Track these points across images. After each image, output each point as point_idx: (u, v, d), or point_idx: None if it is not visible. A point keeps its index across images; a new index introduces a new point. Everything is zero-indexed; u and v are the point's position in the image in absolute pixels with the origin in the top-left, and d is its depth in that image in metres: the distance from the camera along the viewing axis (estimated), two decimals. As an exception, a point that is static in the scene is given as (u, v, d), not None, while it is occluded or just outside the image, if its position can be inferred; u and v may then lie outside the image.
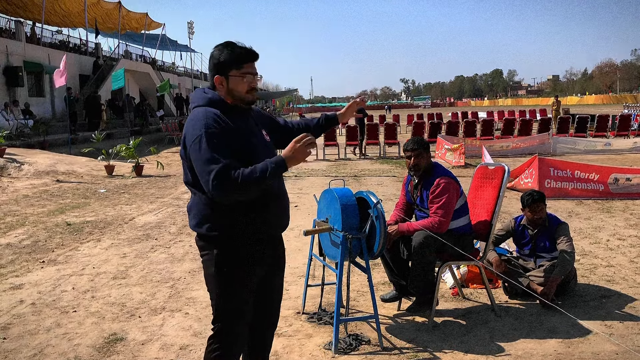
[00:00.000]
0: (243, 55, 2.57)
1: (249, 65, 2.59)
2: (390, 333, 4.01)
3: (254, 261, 2.65)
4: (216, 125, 2.44)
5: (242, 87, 2.58)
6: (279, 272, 2.90)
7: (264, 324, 2.91)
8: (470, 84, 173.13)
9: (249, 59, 2.59)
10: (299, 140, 2.44)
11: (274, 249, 2.78)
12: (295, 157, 2.44)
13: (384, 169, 13.89)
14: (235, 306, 2.64)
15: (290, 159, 2.43)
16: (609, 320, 4.09)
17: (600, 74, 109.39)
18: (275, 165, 2.39)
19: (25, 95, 23.81)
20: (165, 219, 8.21)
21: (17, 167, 13.34)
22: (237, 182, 2.32)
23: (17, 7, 29.29)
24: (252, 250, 2.63)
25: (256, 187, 2.39)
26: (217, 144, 2.40)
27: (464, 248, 4.13)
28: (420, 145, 4.25)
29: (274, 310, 2.94)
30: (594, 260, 5.56)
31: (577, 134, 18.17)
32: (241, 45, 2.60)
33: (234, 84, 2.57)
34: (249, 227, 2.58)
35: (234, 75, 2.56)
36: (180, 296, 4.86)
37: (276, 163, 2.40)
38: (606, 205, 8.33)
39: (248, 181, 2.34)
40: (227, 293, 2.63)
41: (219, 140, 2.41)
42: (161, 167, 13.92)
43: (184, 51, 51.07)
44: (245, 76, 2.57)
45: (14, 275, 5.52)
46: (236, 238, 2.59)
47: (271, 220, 2.66)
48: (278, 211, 2.70)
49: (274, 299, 2.91)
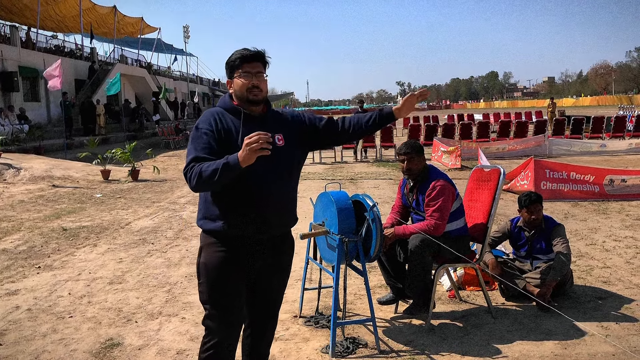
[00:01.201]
0: (242, 57, 2.68)
1: (249, 65, 2.68)
2: (388, 336, 4.01)
3: (245, 258, 2.69)
4: (206, 122, 2.63)
5: (242, 86, 2.68)
6: (279, 273, 2.90)
7: (260, 325, 2.93)
8: (466, 86, 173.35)
9: (249, 59, 2.68)
10: (249, 138, 2.38)
11: (272, 249, 2.79)
12: (244, 157, 2.40)
13: (380, 172, 13.90)
14: (213, 299, 2.69)
15: (242, 159, 2.40)
16: (605, 322, 4.10)
17: (595, 75, 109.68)
18: (226, 162, 2.44)
19: (21, 100, 23.76)
20: (162, 224, 8.19)
21: (12, 172, 13.30)
22: (196, 174, 2.46)
23: (11, 12, 29.25)
24: (244, 247, 2.68)
25: (210, 180, 2.46)
26: (198, 139, 2.59)
27: (461, 250, 4.14)
28: (413, 149, 4.25)
29: (269, 311, 2.95)
30: (590, 261, 5.58)
31: (572, 136, 18.24)
32: (247, 48, 2.71)
33: (237, 85, 2.71)
34: (242, 224, 2.63)
35: (237, 76, 2.70)
36: (176, 301, 4.85)
37: (229, 160, 2.44)
38: (602, 207, 8.35)
39: (202, 174, 2.45)
40: (204, 285, 2.71)
41: (202, 135, 2.59)
42: (157, 172, 13.90)
43: (180, 54, 51.05)
44: (243, 75, 2.67)
45: (10, 281, 5.50)
46: (220, 234, 2.65)
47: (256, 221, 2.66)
48: (273, 210, 2.71)
49: (268, 299, 2.91)
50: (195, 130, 2.65)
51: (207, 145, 2.56)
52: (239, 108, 2.70)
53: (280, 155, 2.69)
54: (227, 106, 2.73)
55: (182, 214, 8.94)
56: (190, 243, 6.89)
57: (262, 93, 2.69)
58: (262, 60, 2.72)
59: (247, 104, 2.70)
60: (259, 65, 2.70)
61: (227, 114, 2.69)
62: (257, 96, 2.68)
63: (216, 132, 2.60)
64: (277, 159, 2.65)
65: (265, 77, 2.72)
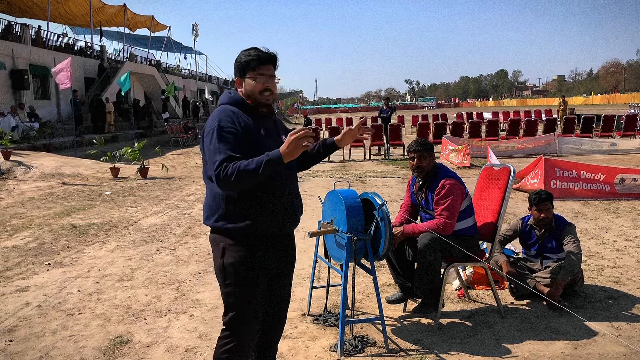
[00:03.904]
0: (258, 58, 2.68)
1: (264, 68, 2.70)
2: (396, 335, 4.00)
3: (266, 256, 2.72)
4: (228, 120, 2.61)
5: (256, 88, 2.69)
6: (289, 267, 2.95)
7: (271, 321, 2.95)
8: (475, 84, 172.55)
9: (264, 62, 2.69)
10: (295, 133, 2.45)
11: (285, 244, 2.85)
12: (290, 151, 2.46)
13: (389, 170, 13.87)
14: (241, 300, 2.69)
15: (286, 153, 2.46)
16: (616, 322, 4.07)
17: (606, 74, 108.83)
18: (269, 158, 2.46)
19: (31, 98, 23.92)
20: (171, 221, 8.22)
21: (23, 169, 13.40)
22: (234, 172, 2.45)
23: (22, 10, 29.49)
24: (265, 245, 2.71)
25: (251, 178, 2.47)
26: (226, 137, 2.56)
27: (470, 249, 4.12)
28: (423, 146, 4.23)
29: (281, 306, 2.99)
30: (601, 261, 5.53)
31: (582, 134, 18.11)
32: (260, 49, 2.71)
33: (249, 85, 2.71)
34: (269, 221, 2.67)
35: (249, 77, 2.69)
36: (185, 298, 4.86)
37: (271, 156, 2.46)
38: (612, 206, 8.29)
39: (243, 172, 2.45)
40: (233, 286, 2.69)
41: (228, 133, 2.56)
42: (166, 170, 13.95)
43: (189, 53, 51.20)
44: (257, 77, 2.68)
45: (20, 278, 5.54)
46: (245, 232, 2.66)
47: (280, 217, 2.72)
48: (295, 206, 2.80)
49: (280, 295, 2.94)
50: (218, 129, 2.58)
51: (237, 145, 2.56)
52: (253, 106, 2.73)
53: None
54: (240, 104, 2.73)
55: (191, 211, 8.96)
56: (199, 240, 6.90)
57: (273, 96, 2.74)
58: (275, 63, 2.74)
59: (257, 104, 2.73)
60: (271, 67, 2.73)
61: (240, 112, 2.69)
62: (268, 99, 2.72)
63: (241, 130, 2.61)
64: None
65: (277, 80, 2.76)
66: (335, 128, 18.93)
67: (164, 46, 45.00)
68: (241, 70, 2.72)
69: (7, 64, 22.16)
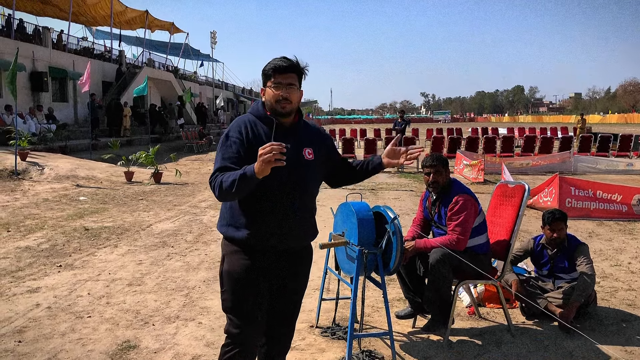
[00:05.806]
0: (275, 67, 2.66)
1: (281, 77, 2.65)
2: (405, 350, 3.96)
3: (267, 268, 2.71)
4: (237, 130, 2.63)
5: (272, 96, 2.66)
6: (298, 283, 2.90)
7: (277, 334, 2.93)
8: (490, 99, 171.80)
9: (282, 70, 2.65)
10: (263, 149, 2.34)
11: (292, 259, 2.80)
12: (259, 168, 2.36)
13: (402, 183, 13.82)
14: (236, 307, 2.70)
15: (257, 170, 2.37)
16: (629, 346, 4.00)
17: (624, 92, 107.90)
18: (243, 173, 2.43)
19: (49, 100, 24.23)
20: (182, 227, 8.24)
21: (38, 170, 13.54)
22: (218, 184, 2.49)
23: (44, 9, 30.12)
24: (266, 257, 2.70)
25: (228, 191, 2.47)
26: (227, 147, 2.61)
27: (482, 267, 4.07)
28: (439, 161, 4.21)
29: (286, 320, 2.96)
30: (615, 283, 5.45)
31: (599, 153, 17.94)
32: (282, 57, 2.69)
33: (268, 95, 2.69)
34: (267, 235, 2.65)
35: (269, 85, 2.69)
36: (194, 305, 4.86)
37: (246, 171, 2.43)
38: (628, 227, 8.18)
39: (222, 185, 2.48)
40: (235, 295, 2.71)
41: (232, 143, 2.59)
42: (179, 175, 14.01)
43: (206, 60, 51.62)
44: (275, 86, 2.65)
45: (32, 279, 5.57)
46: (244, 242, 2.66)
47: (281, 232, 2.68)
48: (297, 224, 2.72)
49: (286, 309, 2.91)
50: (224, 139, 2.64)
51: (235, 155, 2.57)
52: (271, 117, 2.68)
53: (309, 169, 2.71)
54: (260, 114, 2.72)
55: (203, 218, 8.98)
56: (210, 247, 6.91)
57: (290, 105, 2.66)
58: (296, 72, 2.68)
59: (274, 113, 2.69)
60: (292, 76, 2.66)
61: (258, 122, 2.69)
62: (284, 108, 2.65)
63: (246, 141, 2.60)
64: (305, 172, 2.68)
65: (299, 90, 2.69)
66: (349, 139, 18.87)
67: (182, 53, 45.40)
68: (264, 80, 2.71)
69: (27, 66, 22.46)
